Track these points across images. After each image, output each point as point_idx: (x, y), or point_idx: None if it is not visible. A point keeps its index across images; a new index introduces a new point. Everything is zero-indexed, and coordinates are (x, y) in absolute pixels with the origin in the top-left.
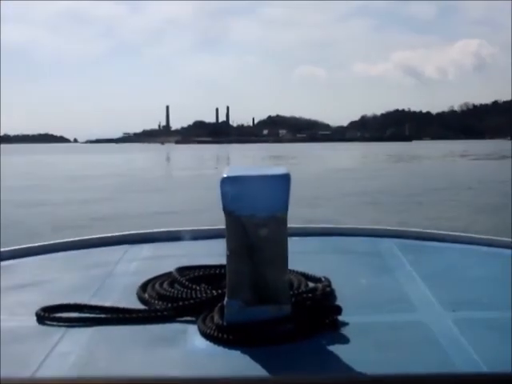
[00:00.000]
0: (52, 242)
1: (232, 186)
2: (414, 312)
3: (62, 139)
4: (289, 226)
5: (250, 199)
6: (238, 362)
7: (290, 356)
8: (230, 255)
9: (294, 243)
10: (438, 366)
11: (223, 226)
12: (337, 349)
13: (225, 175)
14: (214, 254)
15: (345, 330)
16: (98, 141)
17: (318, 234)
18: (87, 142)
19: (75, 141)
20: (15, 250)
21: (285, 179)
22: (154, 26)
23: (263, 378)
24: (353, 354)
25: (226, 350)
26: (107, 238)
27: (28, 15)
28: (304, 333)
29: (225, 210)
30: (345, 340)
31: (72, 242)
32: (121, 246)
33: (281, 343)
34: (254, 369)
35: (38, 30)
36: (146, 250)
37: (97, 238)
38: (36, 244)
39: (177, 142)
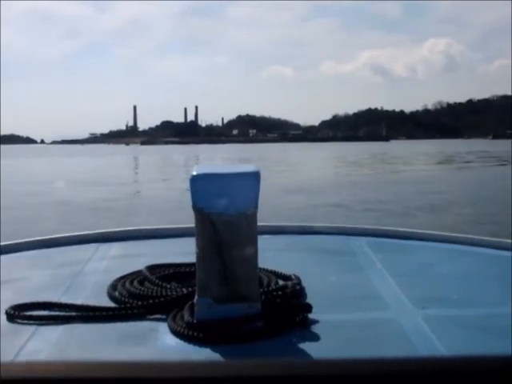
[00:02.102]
0: (22, 240)
1: (201, 184)
2: (385, 310)
3: (28, 140)
4: (259, 224)
5: (220, 197)
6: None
7: (260, 353)
8: (200, 253)
9: (264, 241)
10: None
11: (193, 225)
12: (307, 346)
13: (194, 173)
14: (184, 252)
15: (315, 328)
16: (63, 141)
17: (289, 232)
18: (53, 142)
19: (42, 142)
20: None
21: (254, 177)
22: (121, 27)
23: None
24: (323, 351)
25: (197, 347)
26: (78, 236)
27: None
28: (274, 330)
29: (194, 207)
30: (315, 337)
31: (42, 240)
32: (91, 245)
33: (251, 341)
34: None
35: (4, 30)
36: (116, 248)
37: (67, 237)
38: (5, 242)
39: (142, 143)
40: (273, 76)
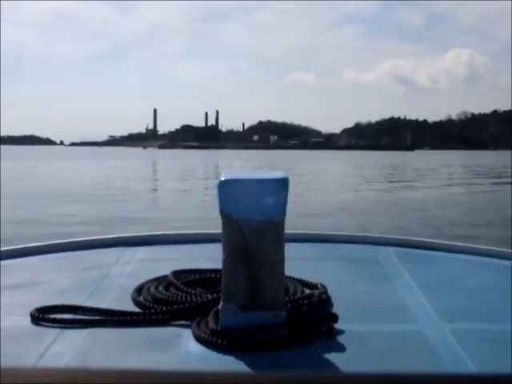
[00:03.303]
0: (49, 242)
1: (229, 189)
2: (412, 322)
3: (47, 141)
4: (286, 231)
5: (248, 203)
6: (231, 368)
7: (285, 362)
8: (226, 259)
9: (291, 249)
10: None
11: (220, 230)
12: (332, 357)
13: (222, 178)
14: (210, 257)
15: (340, 338)
16: (82, 143)
17: (316, 240)
18: (71, 144)
19: (61, 143)
20: (12, 249)
21: (283, 183)
22: (143, 30)
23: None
24: (348, 362)
25: (220, 354)
26: (104, 239)
27: (16, 15)
28: (299, 339)
29: (222, 213)
30: (340, 348)
31: (69, 243)
32: (117, 249)
33: (275, 349)
34: None
35: (27, 30)
36: (142, 252)
37: (93, 240)
38: (33, 244)
39: (160, 147)
40: (295, 82)
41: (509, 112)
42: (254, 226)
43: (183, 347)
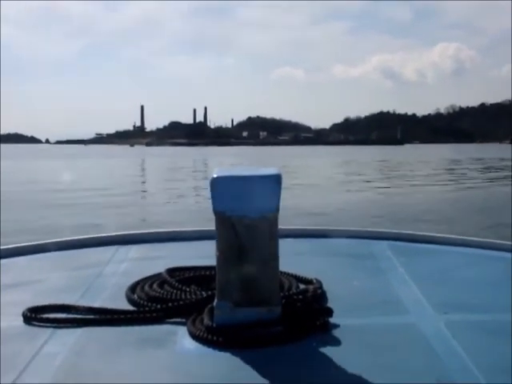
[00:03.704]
0: (42, 241)
1: (222, 186)
2: (406, 315)
3: (32, 139)
4: (280, 227)
5: (241, 199)
6: (227, 364)
7: (281, 358)
8: (220, 256)
9: (285, 244)
10: (430, 369)
11: (213, 228)
12: (328, 351)
13: (215, 175)
14: (204, 255)
15: (336, 333)
16: (68, 141)
17: (310, 235)
18: (57, 142)
19: (47, 141)
20: (4, 249)
21: (276, 179)
22: (130, 26)
23: None
24: (344, 356)
25: (216, 351)
26: (97, 238)
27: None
28: (294, 335)
29: (215, 210)
30: (336, 342)
31: (62, 241)
32: (110, 247)
33: (271, 345)
34: (243, 371)
35: (11, 27)
36: (135, 250)
37: (87, 239)
38: (25, 243)
39: (148, 144)
40: (283, 78)
41: (496, 105)
42: (247, 223)
43: (178, 345)
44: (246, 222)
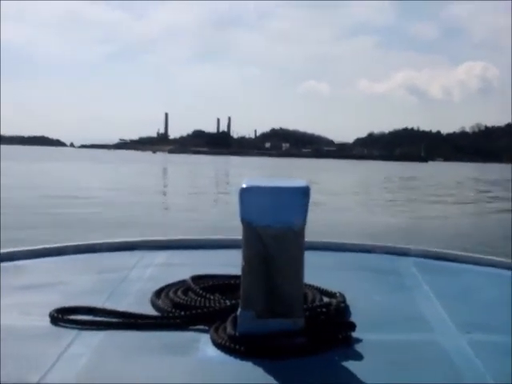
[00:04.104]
0: (68, 243)
1: (250, 196)
2: (429, 332)
3: (57, 142)
4: (306, 239)
5: (268, 210)
6: (249, 374)
7: (302, 370)
8: (245, 266)
9: (310, 257)
10: None
11: (240, 237)
12: (349, 365)
13: (244, 185)
14: (229, 263)
15: (358, 347)
16: (92, 146)
17: (336, 249)
18: (81, 146)
19: (71, 145)
20: (32, 250)
21: (304, 192)
22: (156, 33)
23: None
24: (365, 371)
25: (238, 360)
26: (123, 242)
27: (28, 14)
28: (317, 347)
29: (242, 220)
30: (358, 357)
31: (88, 245)
32: (136, 252)
33: (293, 357)
34: (265, 381)
35: (39, 30)
36: (161, 256)
37: (113, 243)
38: (53, 245)
39: (170, 152)
40: (308, 91)
41: None
42: (274, 234)
43: (201, 352)
44: (272, 232)
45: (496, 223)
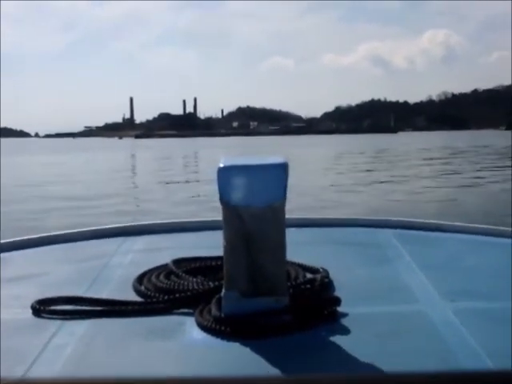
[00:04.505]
0: (48, 234)
1: (229, 176)
2: (414, 302)
3: (21, 133)
4: (286, 216)
5: (247, 189)
6: (235, 354)
7: (289, 348)
8: (227, 246)
9: (291, 234)
10: (439, 356)
11: (219, 218)
12: (336, 340)
13: (221, 165)
14: (210, 245)
15: (344, 321)
16: (58, 135)
17: (317, 224)
18: (46, 136)
19: (36, 135)
20: (11, 242)
21: (282, 168)
22: (118, 19)
23: (266, 377)
24: (353, 345)
25: (224, 341)
26: (103, 230)
27: None
28: (302, 324)
29: (221, 200)
30: (344, 331)
31: (67, 234)
32: (116, 238)
33: (279, 335)
34: (252, 361)
35: None
36: (141, 241)
37: (92, 230)
38: (32, 236)
39: (137, 137)
40: (273, 68)
41: (488, 91)
42: (254, 213)
43: (187, 335)
44: (252, 211)
45: (474, 194)
